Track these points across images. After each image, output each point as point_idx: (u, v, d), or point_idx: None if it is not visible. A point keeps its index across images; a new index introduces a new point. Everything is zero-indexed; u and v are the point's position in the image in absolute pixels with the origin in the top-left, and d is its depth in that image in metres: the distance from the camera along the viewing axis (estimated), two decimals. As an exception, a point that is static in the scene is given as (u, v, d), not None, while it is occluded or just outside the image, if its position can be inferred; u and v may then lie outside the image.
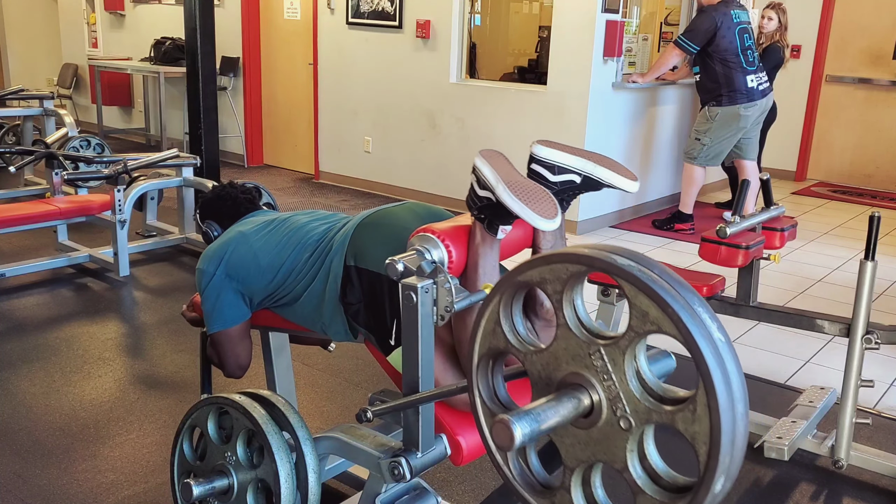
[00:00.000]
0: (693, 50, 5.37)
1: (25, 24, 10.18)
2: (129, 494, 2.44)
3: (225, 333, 2.08)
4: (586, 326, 1.09)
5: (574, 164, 1.70)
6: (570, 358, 1.10)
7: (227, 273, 2.02)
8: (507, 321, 1.17)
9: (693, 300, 1.00)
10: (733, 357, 0.99)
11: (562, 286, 1.09)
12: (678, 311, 0.98)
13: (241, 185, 2.44)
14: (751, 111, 5.43)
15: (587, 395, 1.08)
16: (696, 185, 5.72)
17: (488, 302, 1.18)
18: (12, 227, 4.21)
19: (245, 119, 7.70)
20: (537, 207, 1.53)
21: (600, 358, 1.06)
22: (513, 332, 1.17)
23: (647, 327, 1.01)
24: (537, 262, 1.10)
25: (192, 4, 5.01)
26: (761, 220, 2.92)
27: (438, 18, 6.03)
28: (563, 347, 1.10)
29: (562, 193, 1.73)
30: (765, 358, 3.65)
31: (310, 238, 1.98)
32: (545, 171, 1.72)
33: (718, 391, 0.95)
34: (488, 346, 1.19)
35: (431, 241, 1.63)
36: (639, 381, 1.05)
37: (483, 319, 1.19)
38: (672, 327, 0.98)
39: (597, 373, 1.07)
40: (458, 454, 1.76)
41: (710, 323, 0.99)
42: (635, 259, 1.04)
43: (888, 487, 2.64)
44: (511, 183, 1.57)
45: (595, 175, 1.69)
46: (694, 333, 0.96)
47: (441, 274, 1.56)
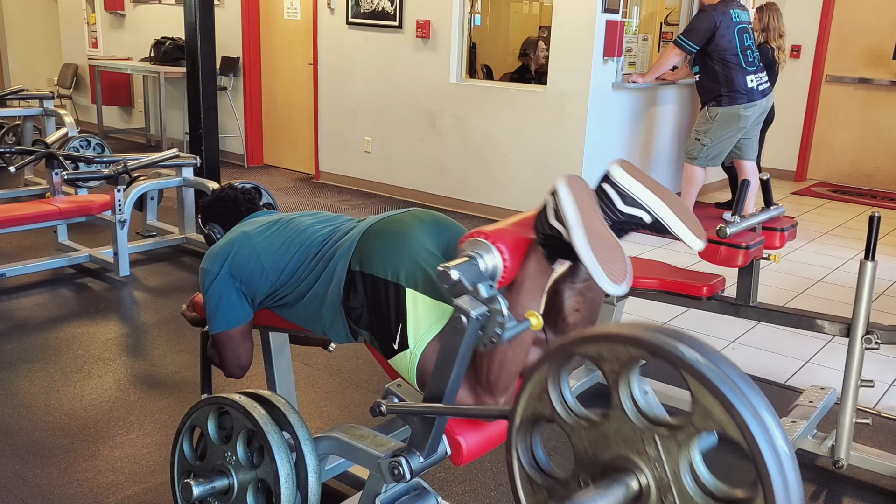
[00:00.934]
0: (692, 49, 5.37)
1: (25, 24, 10.18)
2: (129, 494, 2.44)
3: (227, 334, 2.08)
4: (643, 412, 1.05)
5: (649, 203, 1.59)
6: (621, 441, 1.06)
7: (231, 273, 2.03)
8: (555, 390, 1.13)
9: (760, 405, 0.97)
10: (794, 469, 0.97)
11: (619, 367, 1.05)
12: (746, 417, 0.95)
13: (241, 186, 2.44)
14: (751, 111, 5.42)
15: (635, 481, 1.04)
16: (697, 186, 5.71)
17: (538, 367, 1.13)
18: (12, 227, 4.21)
19: (245, 119, 7.70)
20: (609, 268, 1.46)
21: (654, 447, 1.03)
22: (561, 402, 1.13)
23: (709, 426, 0.98)
24: (597, 338, 1.06)
25: (192, 4, 5.01)
26: (761, 220, 2.92)
27: (438, 18, 6.03)
28: (615, 429, 1.06)
29: (624, 226, 1.63)
30: (765, 358, 3.65)
31: (314, 240, 1.99)
32: (616, 197, 1.61)
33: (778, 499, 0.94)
34: (532, 411, 1.15)
35: (485, 246, 1.55)
36: (692, 475, 1.02)
37: (530, 383, 1.15)
38: (736, 432, 0.96)
39: (649, 460, 1.04)
40: (458, 454, 1.76)
41: (775, 432, 0.96)
42: (703, 352, 1.00)
43: (888, 487, 2.64)
44: (591, 231, 1.49)
45: (666, 223, 1.58)
46: (759, 442, 0.94)
47: (497, 304, 1.50)
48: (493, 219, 5.90)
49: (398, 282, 1.77)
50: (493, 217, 5.95)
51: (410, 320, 1.76)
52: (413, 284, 1.77)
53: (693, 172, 5.67)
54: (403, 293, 1.76)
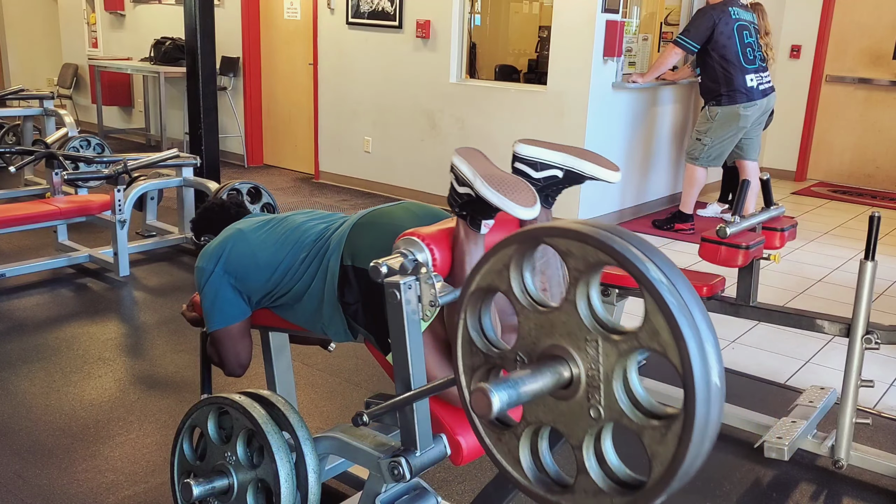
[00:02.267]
0: (693, 48, 5.36)
1: (25, 24, 10.18)
2: (129, 494, 2.44)
3: (225, 331, 2.08)
4: (595, 313, 1.08)
5: (555, 159, 1.74)
6: (565, 332, 1.10)
7: (226, 270, 2.03)
8: (516, 269, 1.16)
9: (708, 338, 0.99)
10: (720, 403, 1.00)
11: (584, 266, 1.07)
12: (690, 348, 0.97)
13: (228, 193, 2.47)
14: (750, 111, 5.42)
15: (568, 371, 1.09)
16: (698, 186, 5.71)
17: (506, 243, 1.16)
18: (12, 227, 4.21)
19: (245, 119, 7.70)
20: (516, 197, 1.56)
21: (595, 347, 1.07)
22: (519, 281, 1.16)
23: (652, 345, 1.00)
24: (571, 233, 1.07)
25: (192, 4, 5.01)
26: (761, 220, 2.92)
27: (438, 18, 6.03)
28: (563, 320, 1.10)
29: (546, 189, 1.77)
30: (765, 358, 3.65)
31: (307, 237, 1.99)
32: (528, 169, 1.76)
33: (696, 428, 0.97)
34: (490, 282, 1.19)
35: (415, 244, 1.65)
36: (623, 384, 1.05)
37: (493, 257, 1.18)
38: (677, 358, 0.98)
39: (586, 357, 1.08)
40: (458, 454, 1.76)
41: (714, 365, 0.98)
42: (669, 275, 1.01)
43: (888, 487, 2.64)
44: (488, 176, 1.61)
45: (576, 168, 1.73)
46: (695, 372, 0.96)
47: (423, 269, 1.58)
48: (493, 219, 5.90)
49: None
50: (493, 217, 5.94)
51: None
52: None
53: (694, 172, 5.67)
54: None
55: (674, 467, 0.99)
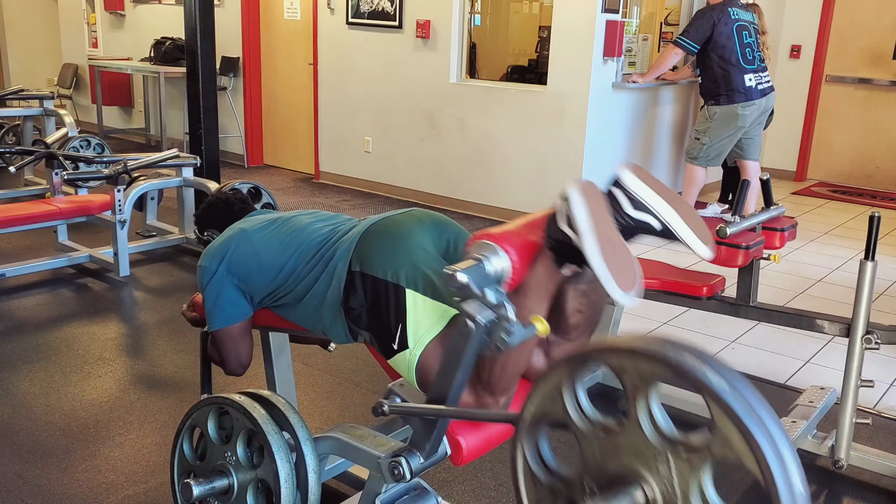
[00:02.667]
0: (692, 48, 5.37)
1: (25, 24, 10.18)
2: (129, 494, 2.44)
3: (226, 331, 2.08)
4: (660, 430, 1.04)
5: (660, 209, 1.58)
6: (633, 453, 1.05)
7: (229, 270, 2.02)
8: (569, 394, 1.12)
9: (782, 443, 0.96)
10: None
11: (640, 382, 1.04)
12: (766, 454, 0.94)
13: (232, 188, 2.46)
14: (749, 110, 5.42)
15: (642, 494, 1.04)
16: (698, 186, 5.71)
17: (555, 367, 1.13)
18: (12, 227, 4.20)
19: (245, 119, 7.70)
20: (619, 277, 1.45)
21: (666, 465, 1.02)
22: (575, 406, 1.12)
23: (727, 455, 0.97)
24: (622, 350, 1.05)
25: (192, 4, 5.01)
26: (761, 220, 2.92)
27: (438, 18, 6.03)
28: (629, 442, 1.06)
29: (633, 230, 1.63)
30: (765, 358, 3.65)
31: (313, 240, 1.98)
32: (626, 202, 1.60)
33: None
34: (544, 410, 1.15)
35: (492, 249, 1.54)
36: (701, 499, 1.01)
37: (545, 383, 1.14)
38: (755, 466, 0.95)
39: (659, 477, 1.03)
40: (458, 454, 1.76)
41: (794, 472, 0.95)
42: (730, 380, 0.98)
43: (888, 487, 2.64)
44: (602, 238, 1.48)
45: (676, 230, 1.58)
46: (777, 480, 0.93)
47: (504, 309, 1.49)
48: (493, 219, 5.90)
49: (398, 283, 1.77)
50: (493, 217, 5.95)
51: (410, 321, 1.76)
52: (413, 285, 1.77)
53: (694, 172, 5.66)
54: (403, 294, 1.76)
55: None
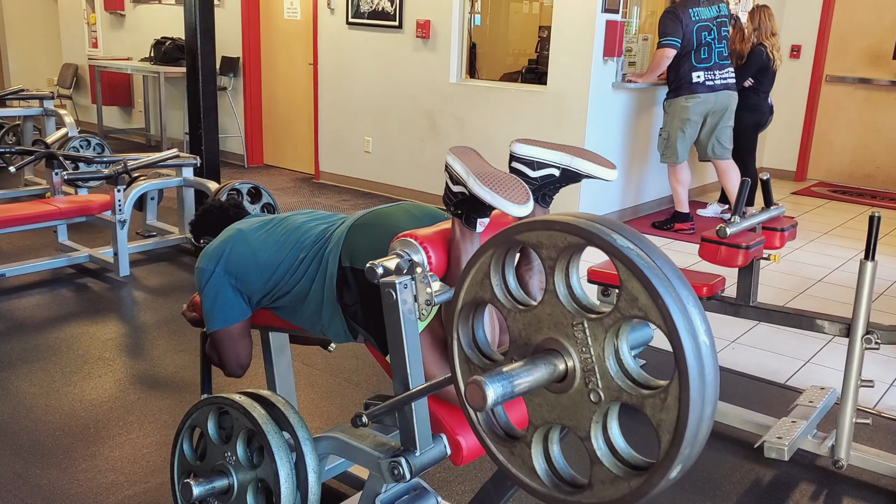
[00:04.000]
0: (677, 43, 5.39)
1: (25, 24, 10.18)
2: (129, 494, 2.44)
3: (225, 332, 2.08)
4: (575, 298, 1.10)
5: (551, 158, 1.74)
6: (552, 324, 1.11)
7: (227, 270, 2.02)
8: (497, 275, 1.18)
9: (686, 296, 1.01)
10: (713, 360, 1.01)
11: (557, 254, 1.09)
12: (668, 303, 0.98)
13: (227, 194, 2.47)
14: (691, 103, 5.49)
15: (563, 362, 1.10)
16: (682, 185, 5.76)
17: (480, 253, 1.19)
18: (12, 227, 4.21)
19: (245, 119, 7.70)
20: (509, 194, 1.56)
21: (582, 331, 1.08)
22: (501, 286, 1.18)
23: (633, 312, 1.02)
24: (537, 224, 1.11)
25: (192, 4, 5.01)
26: (761, 220, 2.92)
27: (438, 18, 6.03)
28: (548, 313, 1.12)
29: (543, 188, 1.76)
30: (765, 358, 3.65)
31: (307, 237, 1.98)
32: (525, 168, 1.75)
33: (692, 387, 0.98)
34: (473, 295, 1.21)
35: (411, 244, 1.66)
36: (616, 360, 1.07)
37: (473, 269, 1.20)
38: (659, 318, 0.99)
39: (576, 343, 1.09)
40: (458, 454, 1.76)
41: (698, 322, 1.00)
42: (636, 242, 1.04)
43: (888, 487, 2.64)
44: (482, 174, 1.61)
45: (572, 167, 1.72)
46: (679, 329, 0.98)
47: (418, 269, 1.59)
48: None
49: None
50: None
51: None
52: None
53: (673, 172, 5.73)
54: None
55: (680, 431, 0.99)
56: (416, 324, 1.62)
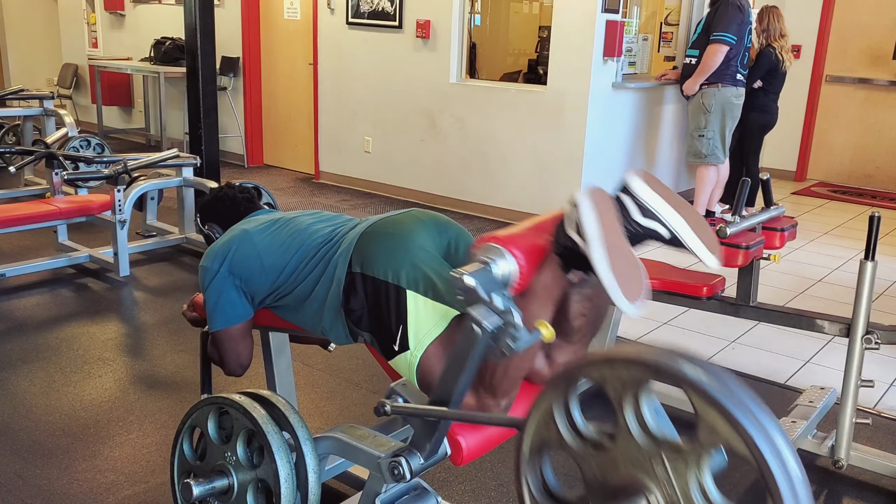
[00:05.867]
0: (732, 40, 5.29)
1: (25, 24, 10.18)
2: (129, 494, 2.44)
3: (227, 332, 2.08)
4: (650, 433, 1.05)
5: (669, 218, 1.57)
6: (629, 462, 1.06)
7: (231, 271, 2.02)
8: (561, 417, 1.13)
9: (767, 422, 0.97)
10: (805, 485, 0.97)
11: (622, 389, 1.05)
12: (750, 430, 0.95)
13: (240, 185, 2.44)
14: (740, 101, 5.51)
15: (645, 501, 1.05)
16: (713, 183, 5.71)
17: (543, 395, 1.14)
18: (12, 227, 4.20)
19: (245, 119, 7.70)
20: (626, 287, 1.45)
21: (663, 467, 1.03)
22: (568, 427, 1.13)
23: (715, 442, 0.98)
24: (599, 362, 1.06)
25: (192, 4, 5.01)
26: (761, 220, 2.92)
27: (438, 18, 6.03)
28: (623, 451, 1.07)
29: (641, 237, 1.61)
30: (765, 358, 3.64)
31: (313, 240, 1.98)
32: (634, 209, 1.59)
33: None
34: (540, 439, 1.16)
35: (498, 252, 1.53)
36: (702, 494, 1.02)
37: (536, 411, 1.15)
38: (743, 447, 0.95)
39: (657, 481, 1.04)
40: (458, 454, 1.76)
41: (783, 448, 0.96)
42: (704, 369, 1.00)
43: (888, 487, 2.64)
44: (611, 248, 1.47)
45: (685, 240, 1.57)
46: (767, 457, 0.94)
47: (511, 316, 1.48)
48: (493, 219, 5.90)
49: (399, 284, 1.77)
50: (492, 217, 5.95)
51: (411, 322, 1.75)
52: (414, 286, 1.76)
53: (708, 173, 5.66)
54: (405, 295, 1.76)
55: None
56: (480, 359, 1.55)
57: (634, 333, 3.79)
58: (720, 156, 5.55)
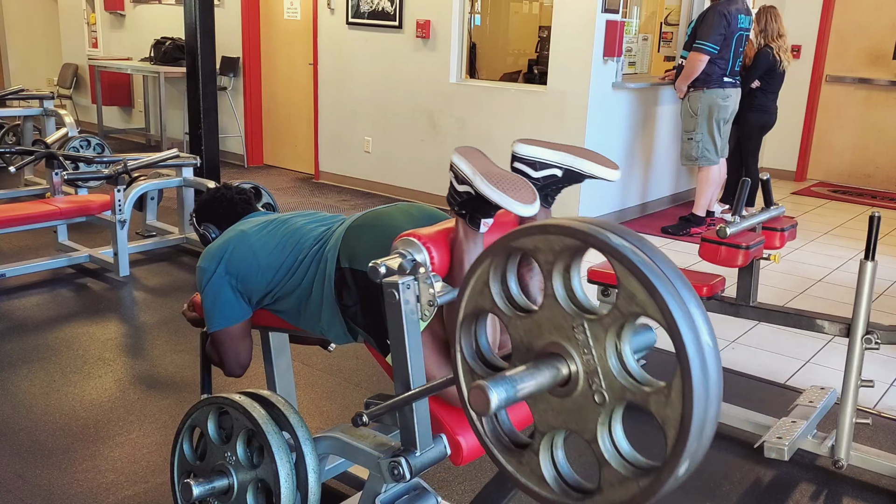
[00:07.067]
0: (714, 50, 5.29)
1: (25, 24, 10.18)
2: (129, 494, 2.44)
3: (225, 332, 2.08)
4: (575, 300, 1.10)
5: (554, 158, 1.73)
6: (552, 328, 1.11)
7: (228, 271, 2.03)
8: (496, 283, 1.18)
9: (684, 291, 1.00)
10: (715, 353, 1.00)
11: (554, 257, 1.09)
12: (666, 298, 0.98)
13: (237, 186, 2.44)
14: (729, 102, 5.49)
15: (565, 366, 1.10)
16: (712, 185, 5.71)
17: (479, 263, 1.19)
18: (12, 227, 4.21)
19: (245, 119, 7.70)
20: (515, 194, 1.56)
21: (583, 332, 1.08)
22: (501, 294, 1.18)
23: (632, 309, 1.02)
24: (533, 230, 1.11)
25: (192, 4, 5.01)
26: (761, 220, 2.92)
27: (438, 18, 6.03)
28: (548, 317, 1.12)
29: (545, 189, 1.76)
30: (765, 358, 3.65)
31: (307, 240, 1.99)
32: (527, 168, 1.75)
33: (695, 380, 0.97)
34: (474, 305, 1.21)
35: (413, 244, 1.65)
36: (618, 360, 1.06)
37: (472, 279, 1.20)
38: (658, 313, 0.99)
39: (577, 346, 1.09)
40: (458, 454, 1.76)
41: (697, 316, 0.99)
42: (631, 240, 1.04)
43: (888, 487, 2.64)
44: (488, 174, 1.61)
45: (575, 167, 1.72)
46: (679, 323, 0.97)
47: (421, 269, 1.58)
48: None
49: None
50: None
51: None
52: None
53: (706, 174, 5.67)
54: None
55: (685, 426, 0.99)
56: (418, 324, 1.61)
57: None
58: (711, 157, 5.56)
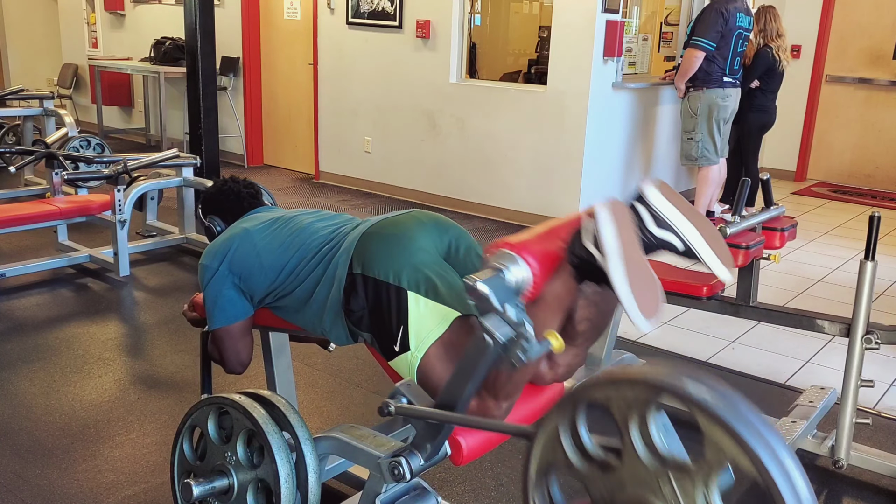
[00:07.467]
0: (710, 47, 5.29)
1: (25, 24, 10.18)
2: (129, 494, 2.44)
3: (226, 330, 2.08)
4: (656, 453, 1.04)
5: (683, 230, 1.55)
6: (636, 483, 1.05)
7: (230, 269, 2.03)
8: (567, 440, 1.12)
9: (772, 438, 0.96)
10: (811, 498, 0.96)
11: (627, 409, 1.04)
12: (755, 447, 0.94)
13: (244, 179, 2.44)
14: (729, 102, 5.48)
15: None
16: (713, 185, 5.70)
17: (548, 417, 1.13)
18: (12, 227, 4.20)
19: (245, 119, 7.70)
20: (642, 301, 1.43)
21: (670, 487, 1.03)
22: (574, 450, 1.12)
23: (721, 461, 0.98)
24: (603, 383, 1.06)
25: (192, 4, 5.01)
26: (761, 220, 2.92)
27: (438, 18, 6.03)
28: (629, 472, 1.06)
29: (654, 247, 1.60)
30: (765, 358, 3.65)
31: (313, 240, 1.98)
32: (648, 219, 1.57)
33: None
34: (546, 461, 1.15)
35: (511, 258, 1.51)
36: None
37: (542, 434, 1.15)
38: (748, 464, 0.95)
39: (665, 500, 1.04)
40: (458, 454, 1.76)
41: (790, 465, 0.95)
42: (708, 388, 0.99)
43: (888, 487, 2.64)
44: (629, 261, 1.46)
45: (699, 252, 1.55)
46: (773, 475, 0.94)
47: (524, 328, 1.45)
48: (494, 219, 5.90)
49: (400, 285, 1.77)
50: (493, 217, 5.95)
51: (413, 323, 1.75)
52: (415, 288, 1.76)
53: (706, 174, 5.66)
54: (406, 296, 1.76)
55: None
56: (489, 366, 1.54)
57: (634, 333, 3.79)
58: (711, 157, 5.55)
